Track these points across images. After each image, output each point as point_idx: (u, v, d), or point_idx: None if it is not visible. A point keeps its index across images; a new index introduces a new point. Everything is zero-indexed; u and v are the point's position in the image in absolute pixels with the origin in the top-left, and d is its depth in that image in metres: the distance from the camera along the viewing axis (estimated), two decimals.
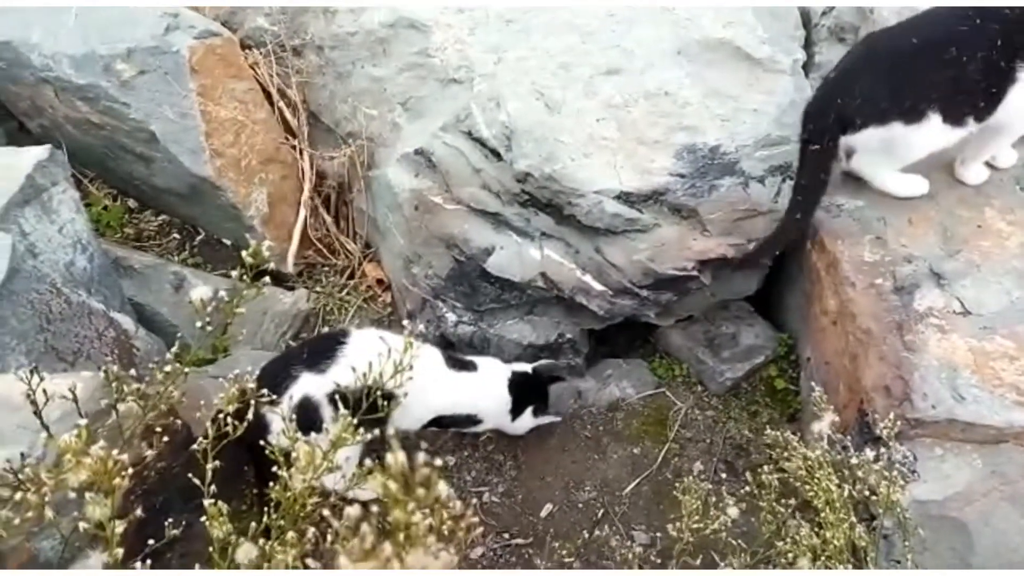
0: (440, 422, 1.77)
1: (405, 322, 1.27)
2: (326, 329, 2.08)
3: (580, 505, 1.86)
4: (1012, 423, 1.55)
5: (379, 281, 2.26)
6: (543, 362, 1.88)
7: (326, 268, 2.30)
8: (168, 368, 1.08)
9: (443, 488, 0.77)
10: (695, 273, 1.88)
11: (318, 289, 2.24)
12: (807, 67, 2.13)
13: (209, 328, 1.07)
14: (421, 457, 0.77)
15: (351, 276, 2.28)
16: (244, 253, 1.10)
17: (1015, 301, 1.67)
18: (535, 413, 1.87)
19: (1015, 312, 1.65)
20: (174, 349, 1.12)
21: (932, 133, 1.67)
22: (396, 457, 0.77)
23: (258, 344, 2.06)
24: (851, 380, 1.72)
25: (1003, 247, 1.76)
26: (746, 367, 2.02)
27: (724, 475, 1.85)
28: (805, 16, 2.29)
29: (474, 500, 1.83)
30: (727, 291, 2.05)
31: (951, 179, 1.91)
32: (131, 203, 2.39)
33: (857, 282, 1.75)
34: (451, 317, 2.03)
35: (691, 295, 1.98)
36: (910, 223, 1.83)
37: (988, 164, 1.90)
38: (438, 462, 0.78)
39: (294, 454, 1.07)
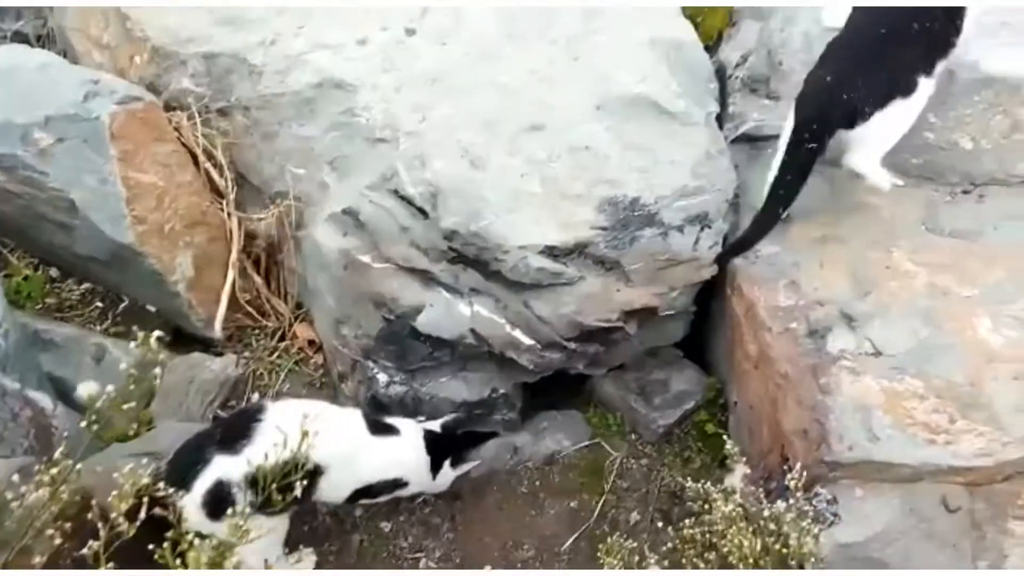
0: (368, 492, 1.74)
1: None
2: (256, 395, 2.03)
3: (519, 565, 1.83)
4: (926, 461, 1.60)
5: (311, 342, 2.23)
6: (450, 417, 1.89)
7: (256, 331, 2.26)
8: (55, 471, 1.04)
9: None
10: (620, 324, 1.90)
11: (247, 354, 2.20)
12: (721, 118, 2.21)
13: (96, 427, 1.03)
14: None
15: (282, 338, 2.24)
16: (132, 345, 1.06)
17: (923, 340, 1.73)
18: (453, 465, 1.86)
19: (923, 351, 1.71)
20: (61, 450, 1.08)
21: (922, 94, 1.81)
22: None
23: (183, 415, 2.00)
24: (773, 424, 1.76)
25: (910, 288, 1.83)
26: (677, 413, 2.04)
27: (660, 524, 1.85)
28: (721, 68, 2.39)
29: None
30: (655, 339, 2.08)
31: (860, 221, 1.98)
32: (53, 272, 2.32)
33: (773, 327, 1.80)
34: (382, 378, 2.01)
35: (618, 346, 2.01)
36: (822, 267, 1.89)
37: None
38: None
39: (192, 554, 1.03)
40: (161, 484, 1.22)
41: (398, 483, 1.80)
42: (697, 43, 2.28)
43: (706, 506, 1.43)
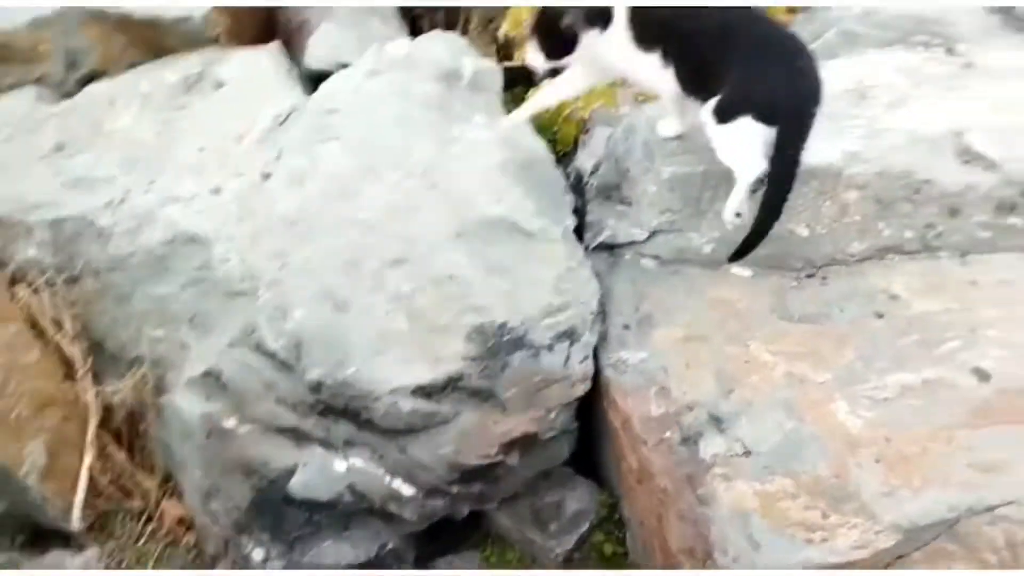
0: None
1: None
2: None
3: None
4: (808, 561, 1.59)
5: (180, 520, 2.07)
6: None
7: (121, 514, 2.08)
8: None
9: None
10: (500, 458, 1.87)
11: (111, 543, 2.01)
12: (581, 227, 2.28)
13: None
14: None
15: (149, 519, 2.07)
16: None
17: (788, 434, 1.76)
18: None
19: (789, 446, 1.73)
20: None
21: None
22: None
23: None
24: (661, 541, 1.74)
25: (770, 379, 1.87)
26: (574, 538, 1.99)
27: None
28: (578, 176, 2.49)
29: None
30: (541, 463, 2.04)
31: (718, 317, 2.04)
32: None
33: (648, 439, 1.80)
34: (257, 554, 1.88)
35: (502, 480, 1.96)
36: (688, 367, 1.93)
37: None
38: None
39: None
40: None
41: None
42: (549, 158, 2.37)
43: None
